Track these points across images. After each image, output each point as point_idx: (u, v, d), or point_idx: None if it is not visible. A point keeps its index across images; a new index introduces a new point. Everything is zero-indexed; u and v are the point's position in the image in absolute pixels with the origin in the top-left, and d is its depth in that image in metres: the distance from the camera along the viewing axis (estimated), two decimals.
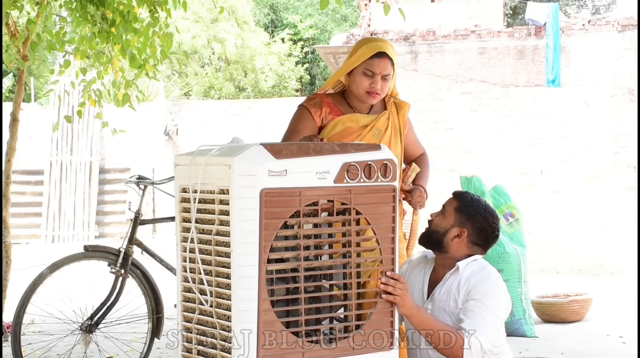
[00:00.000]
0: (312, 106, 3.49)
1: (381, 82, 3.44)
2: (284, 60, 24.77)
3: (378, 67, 3.42)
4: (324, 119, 3.49)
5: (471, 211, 3.06)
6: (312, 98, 3.55)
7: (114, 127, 6.51)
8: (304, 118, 3.49)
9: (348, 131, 3.44)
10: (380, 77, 3.43)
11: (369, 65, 3.43)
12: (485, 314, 2.92)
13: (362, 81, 3.45)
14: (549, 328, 6.18)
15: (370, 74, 3.43)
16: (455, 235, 3.06)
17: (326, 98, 3.54)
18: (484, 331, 2.90)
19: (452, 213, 3.07)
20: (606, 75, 14.80)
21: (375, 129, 3.46)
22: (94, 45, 5.92)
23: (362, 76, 3.44)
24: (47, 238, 15.11)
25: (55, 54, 8.19)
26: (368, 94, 3.45)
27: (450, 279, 3.05)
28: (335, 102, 3.54)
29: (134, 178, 4.99)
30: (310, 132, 3.44)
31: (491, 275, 3.01)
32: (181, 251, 2.77)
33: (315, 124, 3.48)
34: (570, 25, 15.22)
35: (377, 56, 3.42)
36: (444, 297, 3.03)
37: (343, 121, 3.46)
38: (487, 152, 14.78)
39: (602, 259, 10.04)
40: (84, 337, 4.67)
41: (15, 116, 6.08)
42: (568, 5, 28.95)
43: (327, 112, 3.48)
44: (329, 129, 3.45)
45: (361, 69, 3.45)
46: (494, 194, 6.14)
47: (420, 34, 15.49)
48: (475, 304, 2.94)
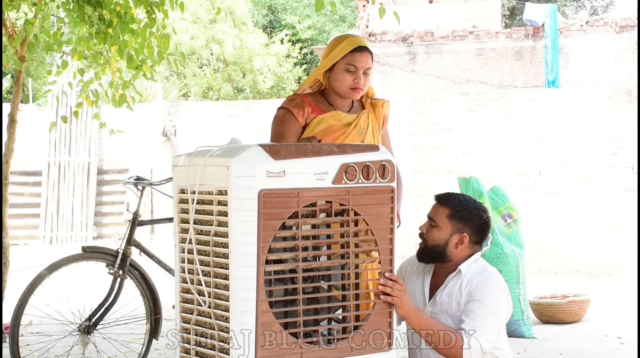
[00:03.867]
0: (293, 107, 3.46)
1: (363, 77, 3.43)
2: (283, 61, 24.77)
3: (360, 61, 3.41)
4: (307, 119, 3.46)
5: (465, 215, 3.03)
6: (293, 99, 3.52)
7: (111, 128, 6.51)
8: (288, 121, 3.45)
9: (331, 129, 3.42)
10: (362, 71, 3.42)
11: (350, 60, 3.41)
12: (486, 315, 2.92)
13: (344, 77, 3.43)
14: (547, 329, 6.18)
15: (353, 68, 3.41)
16: (456, 242, 3.04)
17: (306, 98, 3.52)
18: (484, 331, 2.90)
19: (446, 222, 3.03)
20: (604, 76, 14.82)
21: (358, 126, 3.45)
22: (91, 46, 5.92)
23: (344, 72, 3.42)
24: (45, 239, 15.09)
25: (52, 55, 8.18)
26: (352, 90, 3.44)
27: (452, 282, 3.05)
28: (315, 101, 3.51)
29: (132, 179, 4.98)
30: (295, 134, 3.42)
31: (492, 276, 3.01)
32: (179, 252, 2.77)
33: (300, 125, 3.45)
34: (568, 26, 15.25)
35: (358, 50, 3.41)
36: (446, 299, 3.03)
37: (326, 119, 3.43)
38: (485, 153, 14.79)
39: (600, 260, 10.04)
40: (82, 338, 4.67)
41: (13, 117, 6.08)
42: (566, 6, 28.98)
43: (309, 111, 3.46)
44: (312, 127, 3.43)
45: (342, 65, 3.43)
46: (492, 195, 6.14)
47: (418, 35, 15.50)
48: (476, 305, 2.94)
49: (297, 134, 3.45)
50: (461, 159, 14.73)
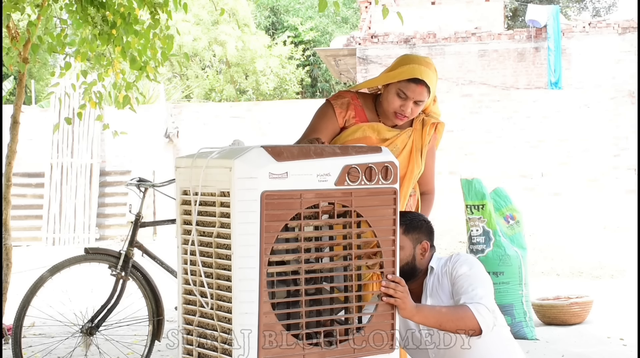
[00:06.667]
0: (338, 106, 3.40)
1: (412, 106, 3.33)
2: (285, 62, 24.78)
3: (413, 92, 3.31)
4: (347, 122, 3.40)
5: (415, 224, 3.14)
6: (341, 96, 3.45)
7: (115, 129, 6.51)
8: (327, 117, 3.40)
9: (366, 141, 3.35)
10: (412, 101, 3.33)
11: (403, 87, 3.31)
12: (475, 281, 3.03)
13: (393, 100, 3.34)
14: (549, 330, 6.17)
15: (404, 96, 3.32)
16: (420, 252, 3.14)
17: (356, 99, 3.44)
18: (482, 294, 2.99)
19: (405, 239, 3.10)
20: (606, 77, 14.80)
21: (393, 145, 3.35)
22: (94, 47, 5.92)
23: (394, 95, 3.33)
24: (48, 240, 15.10)
25: (55, 57, 8.20)
26: (395, 114, 3.35)
27: (430, 282, 3.14)
28: (364, 105, 3.43)
29: (135, 180, 4.98)
30: (330, 133, 3.36)
31: (459, 255, 3.17)
32: (182, 253, 2.77)
33: (337, 125, 3.39)
34: (571, 27, 15.24)
35: (413, 81, 3.30)
36: (435, 298, 3.11)
37: (364, 129, 3.37)
38: (487, 154, 14.79)
39: (602, 261, 10.04)
40: (84, 339, 4.67)
41: (15, 118, 6.08)
42: (568, 7, 28.96)
43: (351, 115, 3.39)
44: (348, 133, 3.38)
45: (395, 88, 3.33)
46: (494, 196, 6.14)
47: (421, 36, 15.50)
48: (462, 280, 3.05)
49: (332, 134, 3.39)
50: (464, 161, 14.73)
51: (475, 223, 5.96)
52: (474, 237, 5.97)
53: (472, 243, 5.98)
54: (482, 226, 5.94)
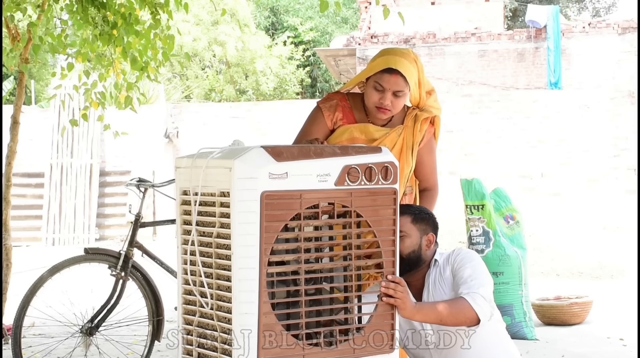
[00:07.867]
0: (326, 109, 3.38)
1: (392, 99, 3.27)
2: (285, 63, 24.79)
3: (387, 83, 3.25)
4: (335, 124, 3.37)
5: (424, 216, 3.17)
6: (329, 99, 3.42)
7: (115, 130, 6.51)
8: (317, 121, 3.38)
9: (354, 142, 3.31)
10: (391, 93, 3.27)
11: (378, 79, 3.27)
12: (474, 271, 3.07)
13: (372, 94, 3.29)
14: (549, 330, 6.17)
15: (380, 88, 3.27)
16: (426, 243, 3.16)
17: (344, 101, 3.40)
18: (478, 283, 3.02)
19: (412, 228, 3.12)
20: (606, 78, 14.81)
21: (381, 145, 3.25)
22: (95, 48, 5.92)
23: (372, 89, 3.29)
24: (48, 240, 15.10)
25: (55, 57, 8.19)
26: (377, 109, 3.30)
27: (432, 274, 3.16)
28: (353, 106, 3.39)
29: (135, 180, 4.98)
30: (322, 137, 3.33)
31: (461, 249, 3.20)
32: (182, 253, 2.77)
33: (327, 128, 3.36)
34: (571, 28, 15.25)
35: (387, 71, 3.26)
36: (439, 292, 3.13)
37: (351, 130, 3.34)
38: (487, 155, 14.79)
39: (602, 262, 10.04)
40: (84, 339, 4.67)
41: (15, 118, 6.08)
42: (568, 7, 28.97)
43: (339, 117, 3.37)
44: (336, 136, 3.35)
45: (372, 81, 3.29)
46: (494, 196, 6.14)
47: (421, 36, 15.50)
48: (462, 271, 3.08)
49: (324, 136, 3.36)
50: (463, 161, 14.73)
51: (475, 223, 5.97)
52: (473, 237, 5.97)
53: (472, 243, 5.98)
54: (482, 227, 5.94)
